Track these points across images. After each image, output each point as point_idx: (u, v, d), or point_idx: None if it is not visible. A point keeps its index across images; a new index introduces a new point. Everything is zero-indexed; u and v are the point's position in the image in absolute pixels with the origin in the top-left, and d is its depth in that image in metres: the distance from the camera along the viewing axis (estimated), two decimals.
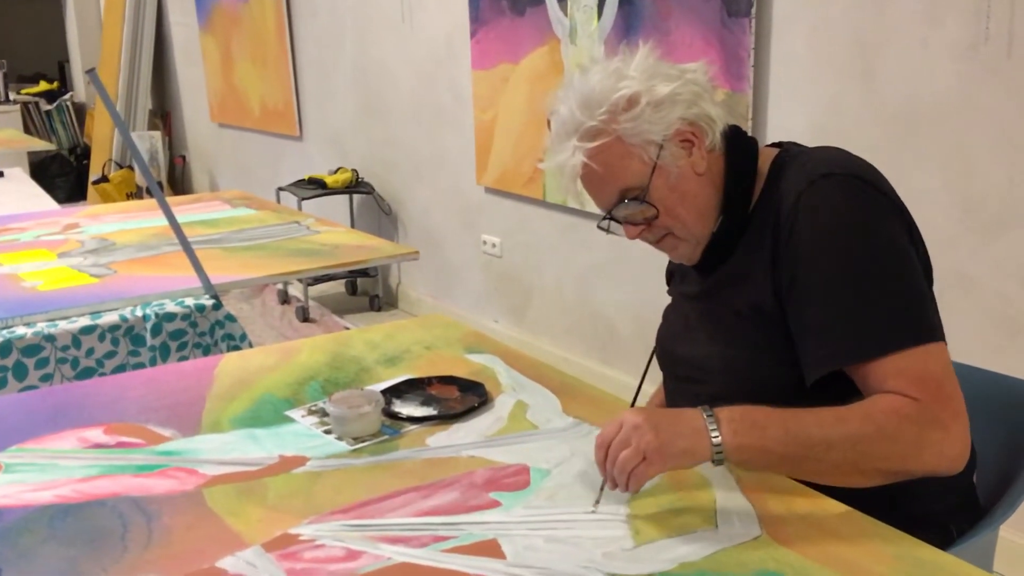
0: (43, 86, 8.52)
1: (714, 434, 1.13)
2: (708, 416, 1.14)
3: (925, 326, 1.19)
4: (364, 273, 4.80)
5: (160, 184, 6.59)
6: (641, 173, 1.30)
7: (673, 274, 1.56)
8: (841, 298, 1.21)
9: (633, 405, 1.29)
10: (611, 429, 1.16)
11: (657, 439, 1.12)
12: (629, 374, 3.41)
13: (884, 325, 1.18)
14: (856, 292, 1.20)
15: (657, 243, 1.38)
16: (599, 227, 1.38)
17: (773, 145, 1.41)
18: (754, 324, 1.29)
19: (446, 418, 1.47)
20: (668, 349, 1.47)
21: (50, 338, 2.00)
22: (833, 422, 1.14)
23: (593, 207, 1.38)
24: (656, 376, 1.53)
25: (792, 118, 2.66)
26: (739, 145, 1.36)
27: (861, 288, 1.20)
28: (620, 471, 1.13)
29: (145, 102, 7.01)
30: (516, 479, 1.27)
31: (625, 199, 1.32)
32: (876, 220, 1.23)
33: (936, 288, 1.32)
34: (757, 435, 1.14)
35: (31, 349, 1.98)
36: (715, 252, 1.36)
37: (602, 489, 1.19)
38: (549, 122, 1.36)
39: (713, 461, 1.14)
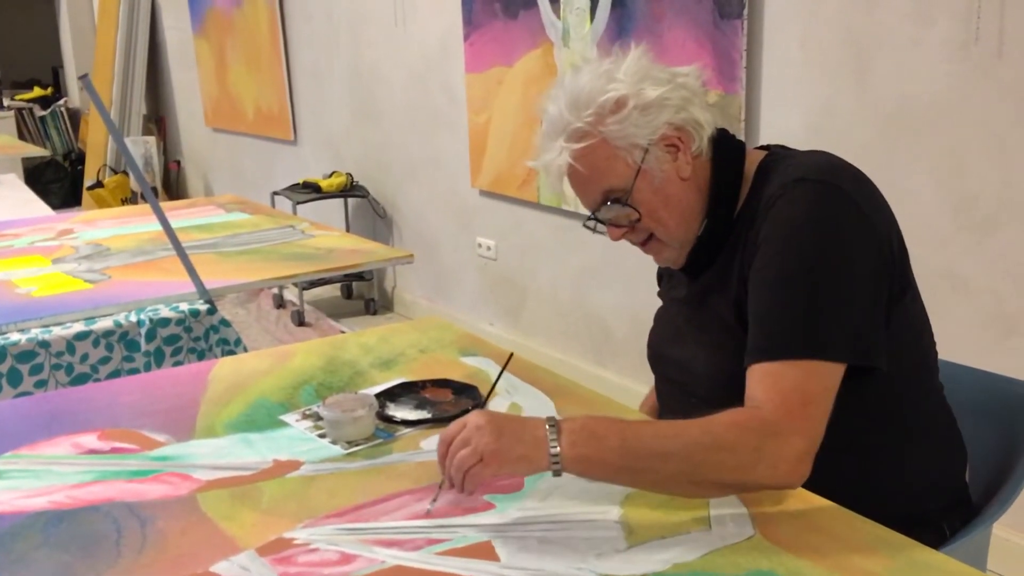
0: (37, 92, 8.52)
1: (553, 445, 1.13)
2: (551, 427, 1.14)
3: (823, 342, 1.17)
4: (359, 277, 4.80)
5: (155, 189, 6.58)
6: (625, 176, 1.30)
7: (663, 276, 1.56)
8: (764, 300, 1.21)
9: (484, 406, 1.27)
10: (455, 427, 1.17)
11: (496, 443, 1.13)
12: (624, 375, 3.42)
13: (782, 332, 1.18)
14: (774, 296, 1.20)
15: (641, 245, 1.39)
16: (585, 226, 1.39)
17: (761, 148, 1.41)
18: (737, 330, 1.29)
19: (440, 421, 1.47)
20: (659, 352, 1.48)
21: (44, 344, 2.00)
22: (671, 434, 1.14)
23: (586, 210, 1.38)
24: (647, 378, 1.53)
25: (785, 119, 2.67)
26: (726, 149, 1.35)
27: (780, 292, 1.20)
28: (456, 469, 1.14)
29: (139, 107, 7.01)
30: (510, 481, 1.27)
31: (608, 201, 1.32)
32: (831, 229, 1.21)
33: (928, 287, 1.33)
34: (595, 446, 1.13)
35: (25, 355, 1.98)
36: (701, 256, 1.36)
37: (440, 487, 1.20)
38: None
39: (552, 471, 1.13)
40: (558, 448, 1.13)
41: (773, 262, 1.22)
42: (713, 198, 1.33)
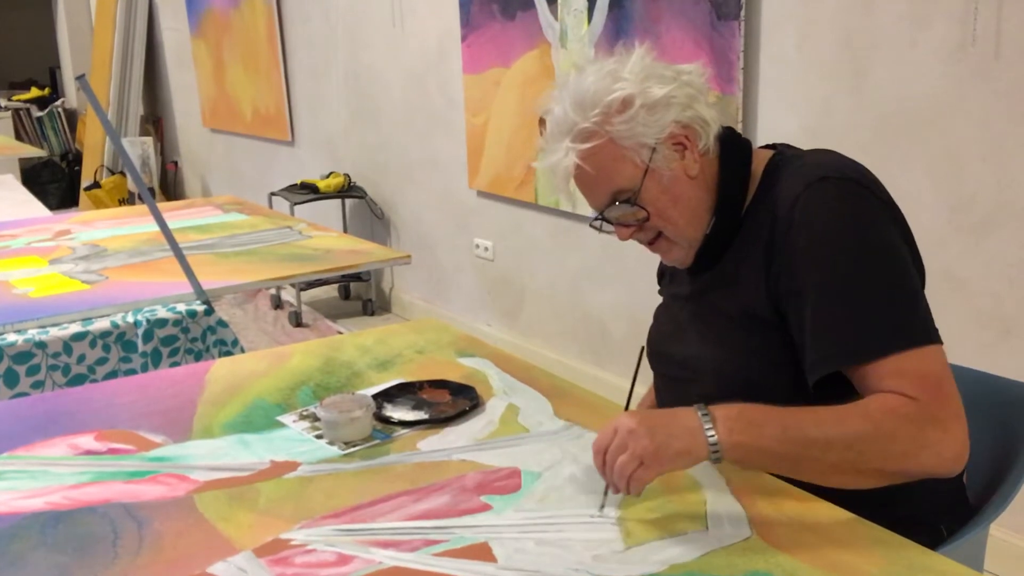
0: (34, 92, 8.50)
1: (710, 433, 1.12)
2: (703, 415, 1.13)
3: (922, 328, 1.19)
4: (357, 277, 4.80)
5: (152, 190, 6.58)
6: (633, 176, 1.30)
7: (664, 274, 1.56)
8: (839, 300, 1.21)
9: (627, 407, 1.27)
10: (607, 434, 1.15)
11: (652, 443, 1.12)
12: (622, 376, 3.42)
13: (882, 327, 1.18)
14: (853, 294, 1.20)
15: (649, 244, 1.38)
16: (591, 226, 1.38)
17: (767, 147, 1.41)
18: (745, 328, 1.29)
19: (437, 422, 1.47)
20: (659, 350, 1.47)
21: (41, 345, 1.99)
22: (832, 421, 1.13)
23: (585, 210, 1.39)
24: (647, 377, 1.53)
25: (782, 120, 2.67)
26: (733, 147, 1.35)
27: (858, 290, 1.20)
28: (619, 476, 1.13)
29: (137, 108, 7.00)
30: (507, 482, 1.27)
31: (617, 201, 1.32)
32: (872, 223, 1.23)
33: (926, 288, 1.33)
34: (754, 434, 1.13)
35: (22, 356, 1.98)
36: (706, 254, 1.36)
37: (606, 494, 1.18)
38: (542, 122, 1.37)
39: (711, 460, 1.13)
40: (715, 436, 1.12)
41: (832, 266, 1.21)
42: (722, 195, 1.33)
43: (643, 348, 1.36)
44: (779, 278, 1.26)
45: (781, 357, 1.26)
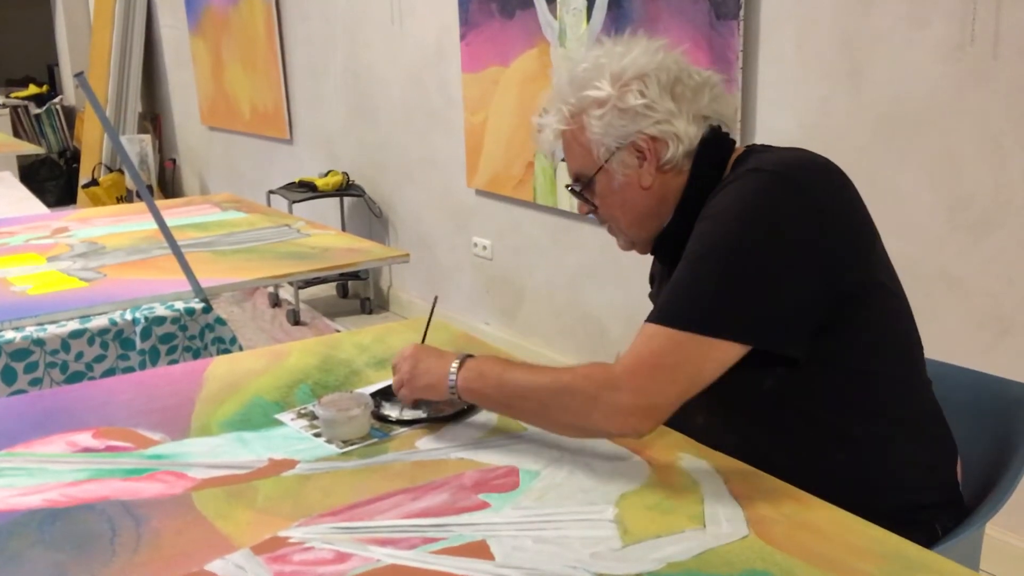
0: (32, 89, 8.50)
1: (452, 377, 1.35)
2: (458, 363, 1.35)
3: (708, 318, 1.19)
4: (355, 276, 4.80)
5: (150, 188, 6.58)
6: (589, 166, 1.37)
7: (655, 278, 1.57)
8: (677, 271, 1.25)
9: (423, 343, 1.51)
10: (401, 352, 1.45)
11: (410, 373, 1.41)
12: None
13: (675, 301, 1.22)
14: (685, 268, 1.24)
15: (604, 225, 1.45)
16: (565, 186, 1.47)
17: (745, 147, 1.41)
18: None
19: (435, 420, 1.47)
20: None
21: (39, 342, 1.99)
22: (534, 375, 1.29)
23: None
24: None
25: (781, 120, 2.67)
26: (711, 152, 1.34)
27: (691, 265, 1.24)
28: (394, 387, 1.45)
29: (135, 105, 7.00)
30: (505, 480, 1.27)
31: (576, 181, 1.41)
32: (761, 215, 1.21)
33: (923, 288, 1.33)
34: (480, 383, 1.34)
35: (20, 353, 1.98)
36: (670, 252, 1.38)
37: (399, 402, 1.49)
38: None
39: (452, 397, 1.36)
40: (455, 381, 1.35)
41: (696, 238, 1.26)
42: (686, 200, 1.34)
43: (436, 297, 1.63)
44: None
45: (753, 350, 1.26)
